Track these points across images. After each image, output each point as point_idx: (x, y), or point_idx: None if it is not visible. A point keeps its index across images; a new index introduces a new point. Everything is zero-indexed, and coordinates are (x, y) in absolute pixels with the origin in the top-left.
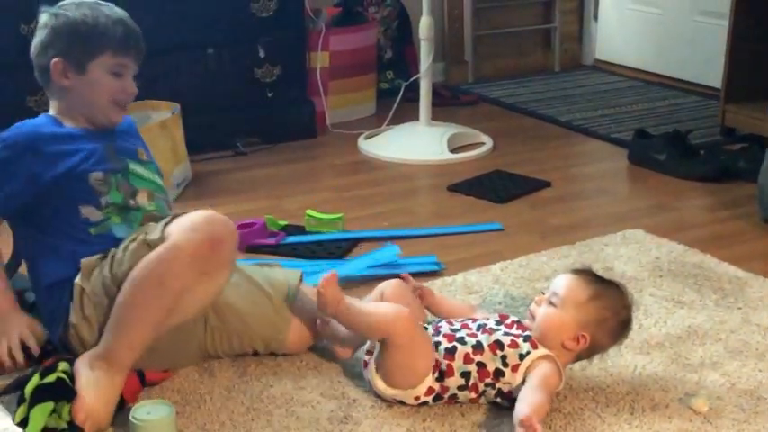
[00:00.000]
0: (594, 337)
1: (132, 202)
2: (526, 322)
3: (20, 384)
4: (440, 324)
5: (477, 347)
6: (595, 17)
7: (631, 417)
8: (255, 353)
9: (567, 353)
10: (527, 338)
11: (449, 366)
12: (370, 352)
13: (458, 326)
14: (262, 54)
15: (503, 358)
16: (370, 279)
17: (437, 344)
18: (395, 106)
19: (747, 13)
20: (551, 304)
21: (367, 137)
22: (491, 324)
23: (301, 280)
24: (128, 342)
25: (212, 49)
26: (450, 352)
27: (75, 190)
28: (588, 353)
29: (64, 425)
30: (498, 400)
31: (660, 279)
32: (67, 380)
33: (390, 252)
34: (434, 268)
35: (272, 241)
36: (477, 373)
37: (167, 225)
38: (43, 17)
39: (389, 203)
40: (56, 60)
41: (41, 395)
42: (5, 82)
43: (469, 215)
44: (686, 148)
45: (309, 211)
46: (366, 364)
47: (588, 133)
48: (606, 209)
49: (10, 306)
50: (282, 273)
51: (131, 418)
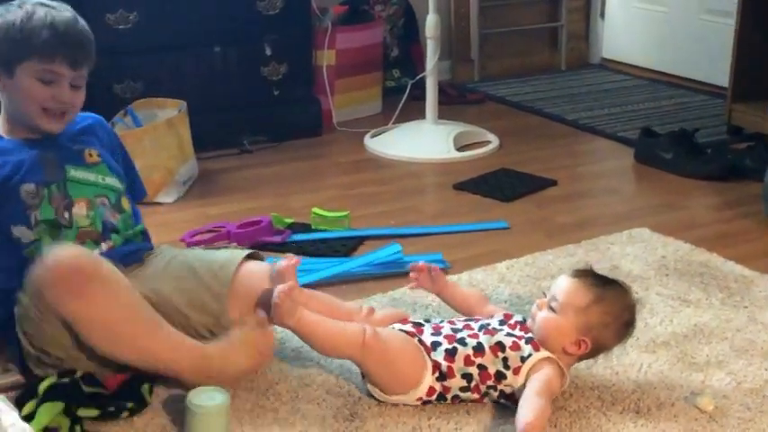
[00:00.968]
0: (596, 340)
1: (66, 215)
2: (529, 323)
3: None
4: (441, 324)
5: (478, 349)
6: (602, 15)
7: (637, 415)
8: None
9: (569, 356)
10: (529, 340)
11: (449, 368)
12: None
13: (459, 326)
14: (268, 52)
15: (504, 360)
16: (375, 277)
17: (437, 344)
18: (401, 104)
19: (754, 11)
20: (551, 309)
21: (373, 135)
22: (494, 324)
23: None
24: None
25: (219, 47)
26: (451, 353)
27: (5, 207)
28: (591, 354)
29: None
30: (502, 401)
31: (666, 278)
32: (82, 384)
33: (392, 250)
34: (441, 266)
35: (277, 239)
36: (479, 375)
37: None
38: None
39: (395, 201)
40: None
41: (54, 393)
42: None
43: (475, 213)
44: (693, 146)
45: (315, 209)
46: (363, 375)
47: (595, 132)
48: (612, 207)
49: None
50: (224, 256)
51: (188, 404)
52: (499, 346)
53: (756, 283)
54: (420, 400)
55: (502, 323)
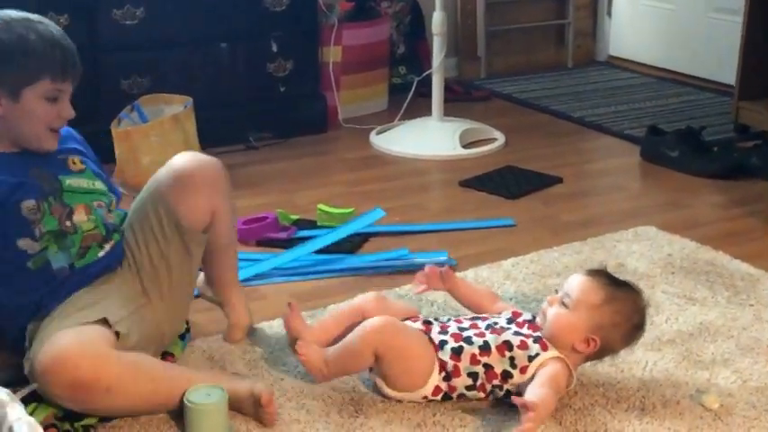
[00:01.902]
0: (605, 340)
1: (68, 223)
2: (538, 321)
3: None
4: (448, 323)
5: (485, 348)
6: (609, 13)
7: (642, 413)
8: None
9: (577, 355)
10: (537, 339)
11: (455, 367)
12: None
13: (466, 324)
14: (274, 48)
15: (511, 360)
16: (382, 273)
17: (443, 343)
18: (407, 101)
19: (761, 9)
20: (563, 305)
21: (379, 132)
22: (502, 323)
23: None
24: None
25: (225, 43)
26: (457, 352)
27: (8, 224)
28: (598, 355)
29: (67, 427)
30: (507, 400)
31: (672, 276)
32: None
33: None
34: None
35: (283, 235)
36: (485, 374)
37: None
38: None
39: (401, 198)
40: None
41: None
42: None
43: (481, 211)
44: (699, 144)
45: (321, 206)
46: (371, 369)
47: (601, 129)
48: (618, 205)
49: None
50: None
51: (186, 402)
52: (506, 345)
53: (762, 282)
54: (425, 398)
55: (510, 321)
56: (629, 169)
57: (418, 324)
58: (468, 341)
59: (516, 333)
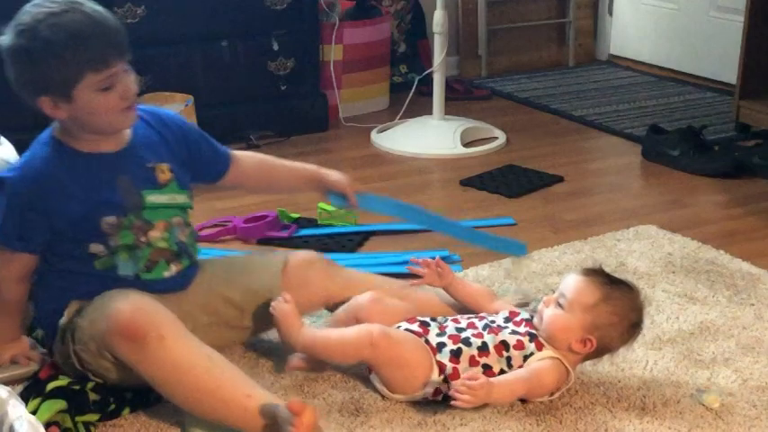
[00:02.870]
0: (602, 340)
1: (143, 239)
2: (535, 321)
3: (37, 380)
4: (445, 324)
5: (483, 349)
6: (610, 12)
7: (642, 412)
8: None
9: (575, 355)
10: (533, 338)
11: (454, 369)
12: None
13: (464, 324)
14: (275, 47)
15: (507, 360)
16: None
17: (442, 345)
18: (408, 100)
19: (763, 9)
20: (559, 306)
21: (380, 130)
22: (499, 321)
23: (289, 255)
24: None
25: (226, 41)
26: (456, 354)
27: (85, 232)
28: (597, 354)
29: (69, 425)
30: None
31: (673, 275)
32: (89, 392)
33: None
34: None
35: (284, 234)
36: (484, 374)
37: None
38: (8, 42)
39: (402, 197)
40: (42, 99)
41: (58, 393)
42: None
43: (482, 209)
44: (700, 143)
45: (321, 204)
46: (370, 370)
47: (602, 128)
48: (619, 204)
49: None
50: (267, 258)
51: None
52: (503, 345)
53: (763, 281)
54: (426, 399)
55: (507, 320)
56: (629, 168)
57: (415, 326)
58: (467, 342)
59: (513, 332)
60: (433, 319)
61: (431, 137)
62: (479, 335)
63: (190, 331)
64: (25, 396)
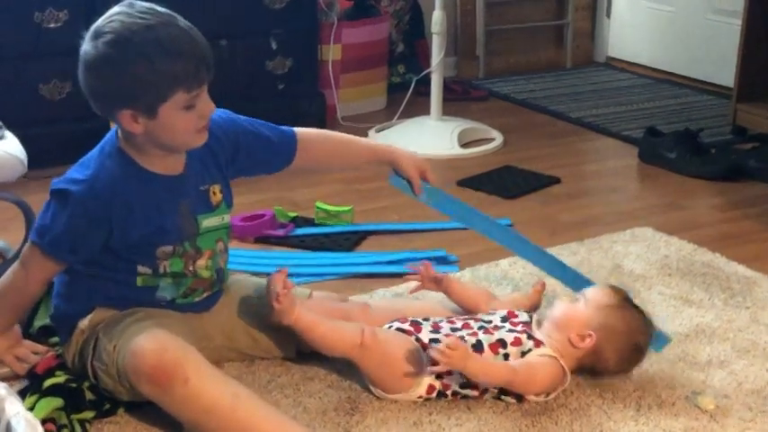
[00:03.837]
0: (601, 344)
1: (191, 268)
2: (535, 317)
3: (34, 375)
4: (440, 323)
5: (477, 347)
6: (608, 14)
7: (637, 414)
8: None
9: (571, 352)
10: (531, 337)
11: None
12: None
13: (459, 324)
14: (274, 46)
15: (505, 356)
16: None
17: (435, 342)
18: (405, 100)
19: (761, 12)
20: (575, 300)
21: (377, 130)
22: (496, 321)
23: (309, 296)
24: None
25: (224, 40)
26: None
27: (139, 255)
28: (590, 362)
29: (65, 422)
30: (502, 396)
31: (669, 277)
32: (86, 391)
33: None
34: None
35: (280, 233)
36: None
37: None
38: (95, 51)
39: (399, 197)
40: (123, 112)
41: (55, 390)
42: (20, 71)
43: (479, 210)
44: (697, 146)
45: (319, 203)
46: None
47: (599, 130)
48: (616, 206)
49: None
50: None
51: None
52: (500, 343)
53: (759, 284)
54: (421, 397)
55: (504, 320)
56: (626, 170)
57: (406, 325)
58: (461, 340)
59: (510, 331)
60: (426, 320)
61: (428, 137)
62: (474, 333)
63: (204, 350)
64: (22, 394)
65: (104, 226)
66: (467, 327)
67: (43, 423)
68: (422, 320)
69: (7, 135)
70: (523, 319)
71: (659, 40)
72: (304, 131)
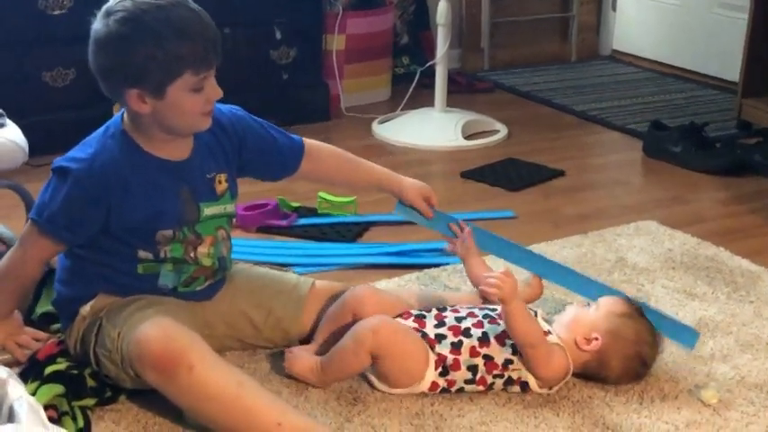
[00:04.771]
0: (607, 349)
1: (192, 255)
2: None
3: (36, 362)
4: (444, 314)
5: (484, 339)
6: (614, 8)
7: (640, 407)
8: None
9: (577, 354)
10: None
11: (455, 360)
12: None
13: (464, 314)
14: (278, 36)
15: (512, 346)
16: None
17: (442, 336)
18: (410, 91)
19: (766, 6)
20: (587, 306)
21: (381, 121)
22: (501, 311)
23: (312, 285)
24: None
25: (228, 29)
26: (457, 346)
27: (138, 239)
28: (595, 367)
29: (66, 408)
30: (507, 388)
31: (672, 271)
32: (87, 377)
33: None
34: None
35: (283, 223)
36: (485, 365)
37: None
38: (105, 29)
39: None
40: (131, 91)
41: (56, 377)
42: (22, 57)
43: (482, 202)
44: (702, 140)
45: (322, 194)
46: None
47: (604, 123)
48: (620, 199)
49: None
50: (293, 282)
51: None
52: (506, 334)
53: (763, 279)
54: (424, 394)
55: None
56: (631, 164)
57: (410, 321)
58: (467, 334)
59: None
60: (429, 311)
61: (432, 128)
62: (479, 324)
63: (206, 339)
64: (23, 378)
65: (102, 205)
66: (471, 315)
67: (44, 410)
68: (425, 313)
69: (8, 123)
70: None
71: (665, 33)
72: (313, 143)
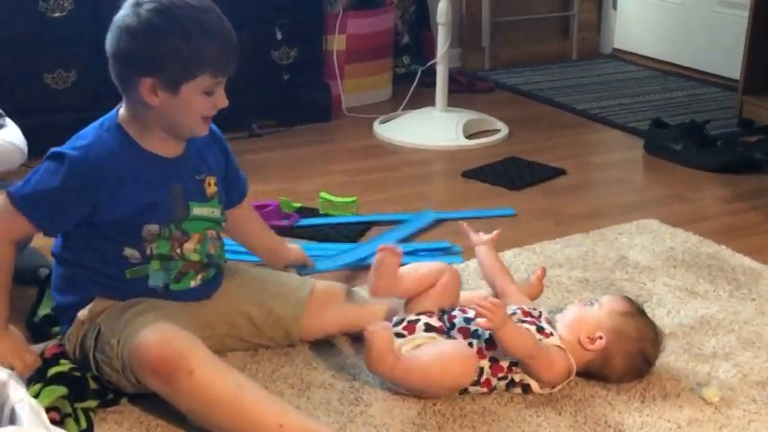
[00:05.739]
0: (611, 348)
1: (178, 251)
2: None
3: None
4: (454, 314)
5: (490, 342)
6: (614, 6)
7: (642, 405)
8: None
9: (580, 353)
10: (540, 330)
11: None
12: None
13: (472, 314)
14: (279, 36)
15: None
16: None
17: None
18: (411, 91)
19: (767, 4)
20: (590, 305)
21: (382, 121)
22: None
23: (314, 286)
24: None
25: None
26: None
27: (125, 234)
28: (598, 366)
29: (69, 410)
30: (509, 389)
31: (674, 269)
32: (90, 380)
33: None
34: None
35: (285, 223)
36: (490, 368)
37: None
38: (136, 17)
39: (403, 188)
40: (147, 80)
41: (59, 379)
42: (24, 59)
43: (483, 201)
44: (703, 138)
45: (323, 194)
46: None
47: (604, 122)
48: (621, 198)
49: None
50: (294, 283)
51: None
52: None
53: (764, 276)
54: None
55: (512, 314)
56: (632, 162)
57: (399, 328)
58: (476, 335)
59: (521, 321)
60: (444, 312)
61: (433, 128)
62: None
63: (206, 339)
64: (27, 380)
65: (90, 196)
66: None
67: (47, 411)
68: (415, 318)
69: (8, 123)
70: (535, 314)
71: (665, 31)
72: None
